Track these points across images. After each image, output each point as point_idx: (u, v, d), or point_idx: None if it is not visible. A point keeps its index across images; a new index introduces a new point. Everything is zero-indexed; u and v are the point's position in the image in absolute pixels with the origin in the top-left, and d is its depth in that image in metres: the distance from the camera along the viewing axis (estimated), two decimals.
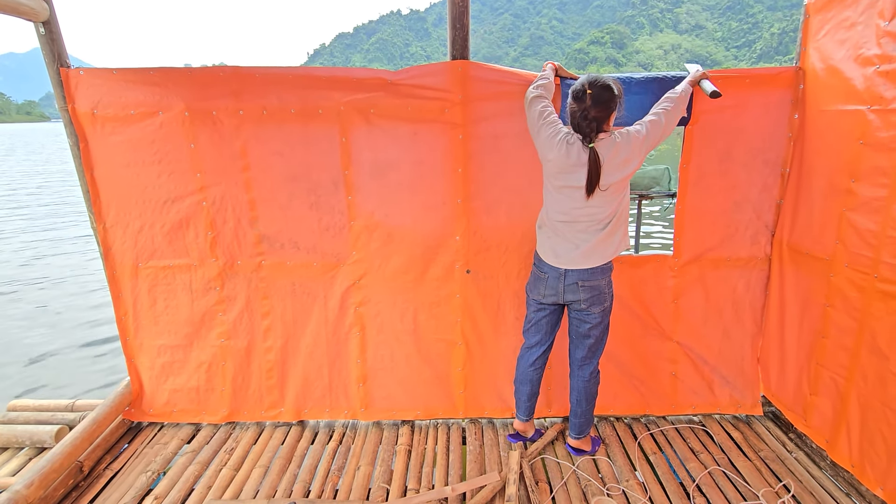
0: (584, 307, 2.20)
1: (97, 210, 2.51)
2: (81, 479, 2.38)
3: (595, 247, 2.12)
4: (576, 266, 2.14)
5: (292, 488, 2.30)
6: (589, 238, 2.12)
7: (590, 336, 2.26)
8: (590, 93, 1.94)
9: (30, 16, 2.20)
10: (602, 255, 2.13)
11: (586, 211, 2.08)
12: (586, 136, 2.00)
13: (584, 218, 2.10)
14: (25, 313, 5.97)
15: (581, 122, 1.99)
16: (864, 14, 2.00)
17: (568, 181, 2.07)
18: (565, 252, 2.16)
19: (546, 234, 2.23)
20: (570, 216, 2.11)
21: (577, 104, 1.98)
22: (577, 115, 1.99)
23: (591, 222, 2.10)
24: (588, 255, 2.13)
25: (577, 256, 2.14)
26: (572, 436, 2.45)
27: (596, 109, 1.96)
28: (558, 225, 2.16)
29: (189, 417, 2.76)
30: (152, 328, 2.66)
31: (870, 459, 2.07)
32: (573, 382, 2.39)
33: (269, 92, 2.37)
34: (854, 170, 2.05)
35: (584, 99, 1.95)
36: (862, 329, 2.07)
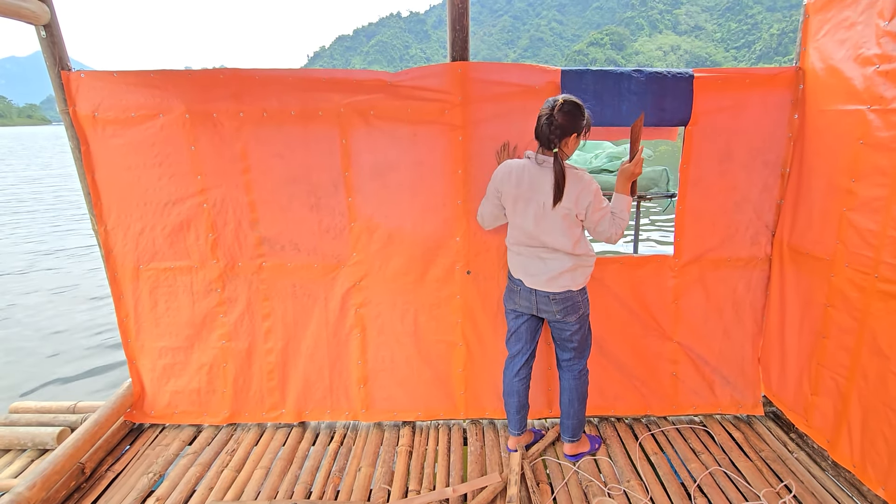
0: (560, 318, 2.21)
1: (98, 212, 2.52)
2: (83, 481, 2.39)
3: (558, 277, 2.14)
4: (543, 288, 2.16)
5: (293, 490, 2.31)
6: (551, 266, 2.14)
7: (571, 341, 2.27)
8: (561, 102, 1.96)
9: (31, 19, 2.20)
10: (565, 285, 2.14)
11: (542, 236, 2.10)
12: (548, 143, 2.01)
13: (538, 243, 2.13)
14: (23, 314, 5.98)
15: (546, 126, 1.99)
16: (864, 14, 2.00)
17: (525, 202, 2.10)
18: (535, 272, 2.17)
19: (514, 252, 2.24)
20: (530, 237, 2.14)
21: (546, 109, 1.99)
22: (542, 119, 2.00)
23: (547, 249, 2.13)
24: (553, 281, 2.14)
25: (543, 280, 2.16)
26: (566, 439, 2.43)
27: (563, 117, 1.96)
28: (522, 247, 2.20)
29: (190, 419, 2.77)
30: (153, 330, 2.67)
31: (871, 459, 2.07)
32: (563, 383, 2.38)
33: (269, 94, 2.37)
34: (854, 170, 2.05)
35: (555, 106, 1.97)
36: (862, 329, 2.07)
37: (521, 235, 2.17)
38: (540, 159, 2.06)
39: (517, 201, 2.12)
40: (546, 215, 2.07)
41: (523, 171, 2.09)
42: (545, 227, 2.09)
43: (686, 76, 2.36)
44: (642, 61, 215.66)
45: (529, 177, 2.08)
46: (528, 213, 2.11)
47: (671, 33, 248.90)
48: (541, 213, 2.07)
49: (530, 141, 2.41)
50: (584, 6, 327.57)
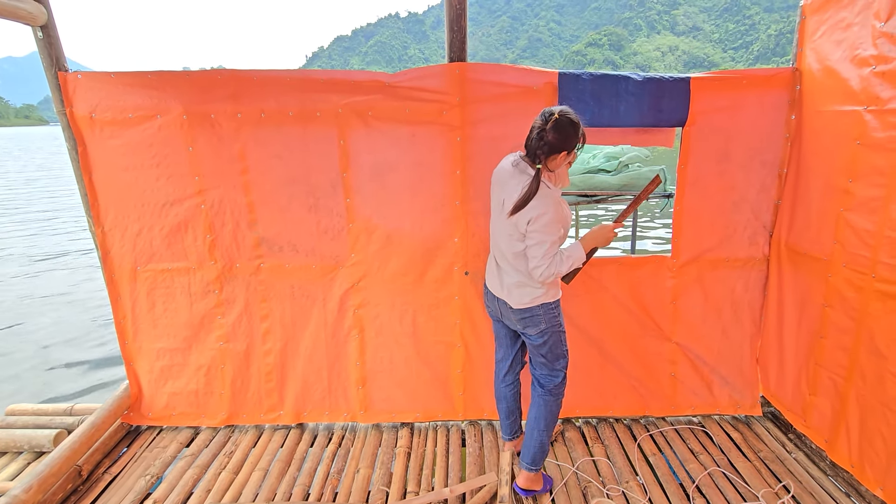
0: (521, 328, 2.11)
1: (95, 213, 2.51)
2: (80, 484, 2.38)
3: (511, 288, 2.06)
4: (500, 297, 2.12)
5: (292, 491, 2.30)
6: (503, 277, 2.09)
7: (537, 355, 2.13)
8: (556, 118, 1.82)
9: (28, 20, 2.20)
10: (518, 300, 2.04)
11: (495, 237, 2.09)
12: (534, 157, 1.89)
13: (494, 247, 2.11)
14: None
15: (536, 140, 1.86)
16: (860, 15, 2.00)
17: (496, 200, 2.06)
18: (492, 278, 2.15)
19: (490, 256, 2.20)
20: (494, 241, 2.11)
21: (539, 121, 1.86)
22: (534, 130, 1.88)
23: (501, 256, 2.07)
24: (507, 292, 2.08)
25: (498, 288, 2.12)
26: (523, 465, 2.20)
27: (554, 134, 1.82)
28: (493, 251, 2.16)
29: (188, 421, 2.76)
30: (151, 331, 2.66)
31: (869, 459, 2.08)
32: (534, 397, 2.20)
33: (267, 95, 2.37)
34: (851, 170, 2.06)
35: (549, 120, 1.83)
36: (860, 329, 2.08)
37: (492, 237, 2.14)
38: (522, 165, 1.96)
39: (493, 198, 2.09)
40: (502, 219, 1.99)
41: (505, 170, 2.02)
42: (498, 230, 2.06)
43: (683, 79, 2.37)
44: (640, 62, 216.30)
45: (507, 175, 1.99)
46: (494, 211, 2.08)
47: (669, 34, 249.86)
48: (499, 213, 2.02)
49: None
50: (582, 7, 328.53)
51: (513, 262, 2.03)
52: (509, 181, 1.97)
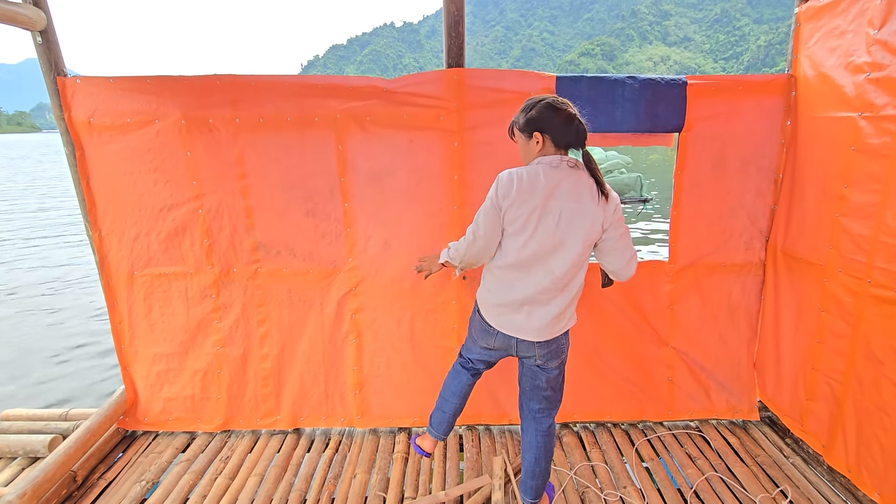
0: (540, 363, 1.87)
1: (93, 218, 2.51)
2: (75, 489, 2.36)
3: (554, 321, 1.85)
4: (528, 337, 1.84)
5: (288, 497, 2.29)
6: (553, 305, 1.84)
7: (546, 389, 1.93)
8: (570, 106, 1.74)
9: (27, 25, 2.20)
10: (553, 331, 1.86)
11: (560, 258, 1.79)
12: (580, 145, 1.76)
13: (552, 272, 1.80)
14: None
15: (578, 132, 1.73)
16: (854, 22, 2.03)
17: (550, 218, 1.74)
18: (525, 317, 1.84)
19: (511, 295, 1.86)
20: (542, 266, 1.80)
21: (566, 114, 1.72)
22: (573, 123, 1.72)
23: (558, 281, 1.80)
24: (550, 327, 1.85)
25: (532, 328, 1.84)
26: (528, 501, 2.05)
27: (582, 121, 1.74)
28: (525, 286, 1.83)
29: (184, 426, 2.74)
30: (148, 336, 2.65)
31: (866, 464, 2.08)
32: (528, 438, 2.00)
33: (265, 100, 2.38)
34: (846, 176, 2.07)
35: (568, 105, 1.74)
36: (856, 334, 2.08)
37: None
38: (563, 164, 1.73)
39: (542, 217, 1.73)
40: (570, 232, 1.73)
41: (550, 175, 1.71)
42: (553, 250, 1.75)
43: (679, 83, 2.39)
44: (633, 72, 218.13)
45: (561, 179, 1.71)
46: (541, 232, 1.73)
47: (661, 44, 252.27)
48: (554, 230, 1.73)
49: None
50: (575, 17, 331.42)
51: (568, 284, 1.77)
52: (574, 185, 1.69)
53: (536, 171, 1.71)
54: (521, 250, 1.74)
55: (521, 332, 1.81)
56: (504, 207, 1.73)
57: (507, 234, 1.77)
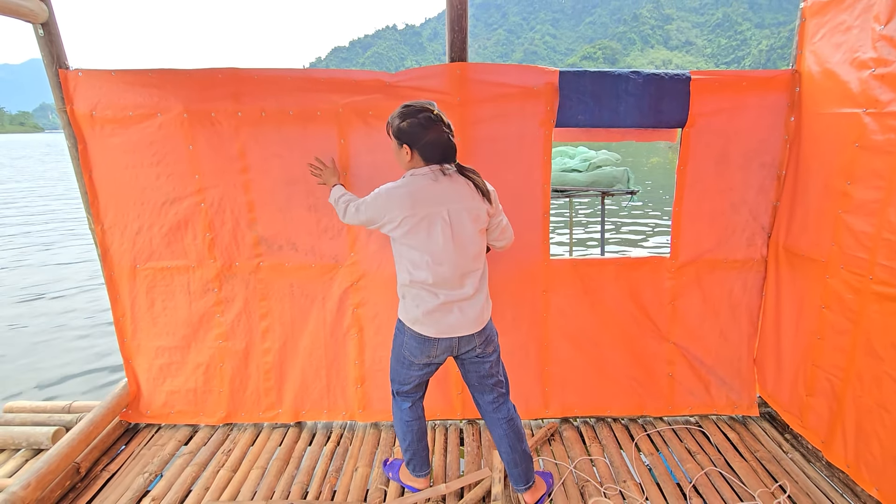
0: (479, 353, 1.96)
1: (95, 211, 2.51)
2: (78, 481, 2.38)
3: (485, 308, 1.98)
4: (471, 331, 1.91)
5: (290, 490, 2.30)
6: (480, 294, 1.96)
7: (492, 375, 2.01)
8: (437, 113, 1.77)
9: (29, 17, 2.19)
10: (486, 314, 1.98)
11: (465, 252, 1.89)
12: (452, 157, 1.83)
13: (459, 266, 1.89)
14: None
15: (449, 145, 1.79)
16: (860, 18, 2.01)
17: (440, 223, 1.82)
18: (459, 314, 1.90)
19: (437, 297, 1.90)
20: (453, 264, 1.86)
21: (438, 126, 1.76)
22: (444, 137, 1.77)
23: (471, 271, 1.92)
24: (483, 313, 1.96)
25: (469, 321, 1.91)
26: (522, 488, 2.10)
27: (450, 126, 1.80)
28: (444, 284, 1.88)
29: (186, 419, 2.76)
30: (150, 329, 2.66)
31: (865, 460, 2.09)
32: (496, 431, 2.06)
33: (267, 94, 2.37)
34: (850, 172, 2.07)
35: (441, 119, 1.77)
36: (857, 330, 2.09)
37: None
38: (440, 173, 1.81)
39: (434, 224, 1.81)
40: (464, 229, 1.84)
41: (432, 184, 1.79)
42: (458, 247, 1.84)
43: (683, 78, 2.37)
44: None
45: (444, 188, 1.80)
46: (440, 235, 1.81)
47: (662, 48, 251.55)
48: (449, 229, 1.82)
49: (526, 143, 2.43)
50: (577, 21, 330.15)
51: (480, 273, 1.91)
52: (445, 192, 1.79)
53: (415, 183, 1.79)
54: (430, 261, 1.82)
55: (461, 329, 1.89)
56: (388, 225, 1.83)
57: (408, 248, 1.84)
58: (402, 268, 1.88)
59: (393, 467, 2.33)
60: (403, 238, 1.83)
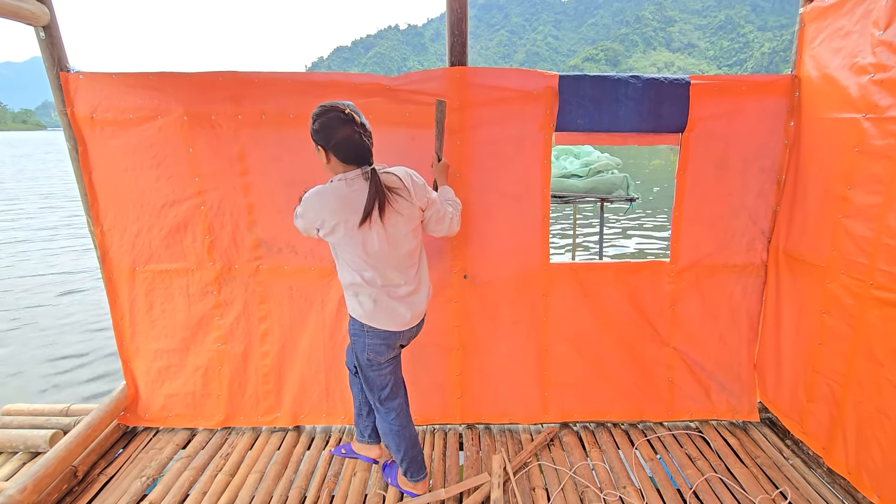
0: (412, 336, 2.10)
1: (95, 213, 2.51)
2: (76, 484, 2.37)
3: (424, 300, 2.06)
4: (414, 323, 2.02)
5: (288, 494, 2.29)
6: (423, 288, 2.05)
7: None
8: (349, 112, 1.77)
9: (30, 20, 2.20)
10: (425, 305, 2.08)
11: (397, 254, 1.91)
12: (366, 161, 1.82)
13: (392, 269, 1.92)
14: None
15: (361, 147, 1.79)
16: (859, 23, 2.02)
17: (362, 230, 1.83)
18: (401, 309, 1.97)
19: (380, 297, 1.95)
20: (385, 266, 1.90)
21: (348, 128, 1.75)
22: (355, 138, 1.76)
23: (406, 272, 1.97)
24: (422, 305, 2.05)
25: (414, 315, 2.01)
26: (419, 478, 2.19)
27: (364, 128, 1.80)
28: (384, 287, 1.93)
29: (185, 422, 2.75)
30: (149, 332, 2.65)
31: (866, 466, 2.08)
32: (408, 422, 2.15)
33: (267, 97, 2.37)
34: (849, 177, 2.07)
35: (352, 120, 1.76)
36: (857, 336, 2.08)
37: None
38: (358, 179, 1.81)
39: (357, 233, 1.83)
40: (396, 231, 1.88)
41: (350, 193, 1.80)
42: (389, 248, 1.88)
43: (683, 82, 2.38)
44: None
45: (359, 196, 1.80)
46: (374, 241, 1.85)
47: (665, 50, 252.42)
48: (381, 233, 1.85)
49: (526, 147, 2.43)
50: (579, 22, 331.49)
51: (417, 263, 2.01)
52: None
53: (342, 188, 1.79)
54: (371, 262, 1.86)
55: (413, 322, 2.00)
56: (322, 230, 1.84)
57: (347, 251, 1.87)
58: (345, 269, 1.92)
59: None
60: (341, 242, 1.85)
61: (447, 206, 2.09)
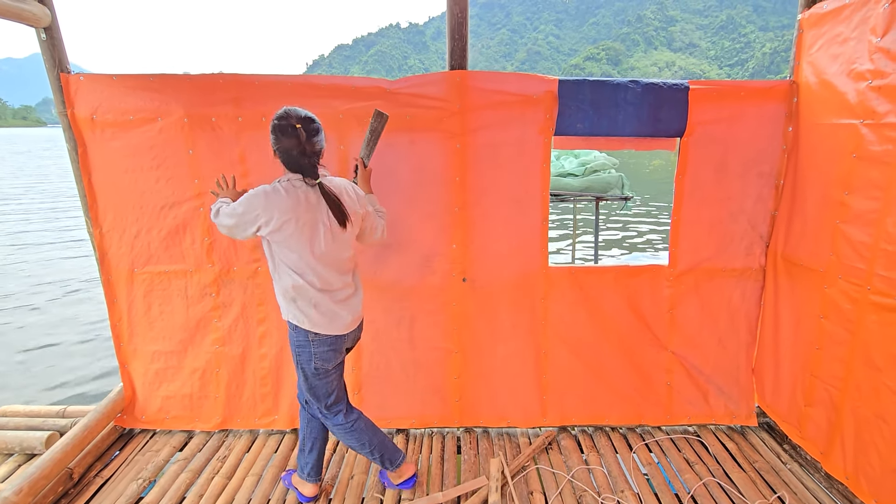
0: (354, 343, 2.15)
1: (94, 215, 2.51)
2: (71, 487, 2.35)
3: (360, 303, 2.09)
4: (355, 326, 2.06)
5: (285, 498, 2.28)
6: (357, 294, 2.07)
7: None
8: (299, 127, 1.78)
9: (31, 21, 2.21)
10: (360, 307, 2.09)
11: (334, 260, 1.94)
12: (309, 172, 1.85)
13: (329, 274, 1.94)
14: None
15: (300, 159, 1.82)
16: (857, 30, 2.03)
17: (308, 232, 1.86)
18: (342, 312, 1.99)
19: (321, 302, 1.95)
20: (323, 270, 1.92)
21: (289, 140, 1.79)
22: (293, 152, 1.80)
23: (342, 277, 2.00)
24: (358, 308, 2.08)
25: (353, 319, 2.04)
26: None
27: (312, 144, 1.82)
28: (322, 292, 1.94)
29: (182, 424, 2.74)
30: (147, 334, 2.64)
31: (864, 471, 2.07)
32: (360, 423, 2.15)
33: (268, 99, 2.38)
34: (847, 182, 2.08)
35: (297, 134, 1.78)
36: (856, 341, 2.08)
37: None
38: (301, 185, 1.85)
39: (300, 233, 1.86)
40: (335, 238, 1.91)
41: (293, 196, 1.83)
42: (327, 256, 1.91)
43: (682, 87, 2.39)
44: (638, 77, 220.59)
45: (303, 200, 1.84)
46: (311, 244, 1.88)
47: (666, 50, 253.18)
48: (319, 238, 1.88)
49: (525, 150, 2.44)
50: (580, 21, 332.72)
51: (353, 268, 2.06)
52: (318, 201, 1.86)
53: (293, 189, 1.83)
54: (314, 264, 1.89)
55: (352, 325, 2.04)
56: (265, 227, 1.84)
57: (288, 251, 1.87)
58: (284, 272, 1.91)
59: (288, 476, 2.34)
60: (285, 241, 1.85)
61: (377, 216, 2.14)
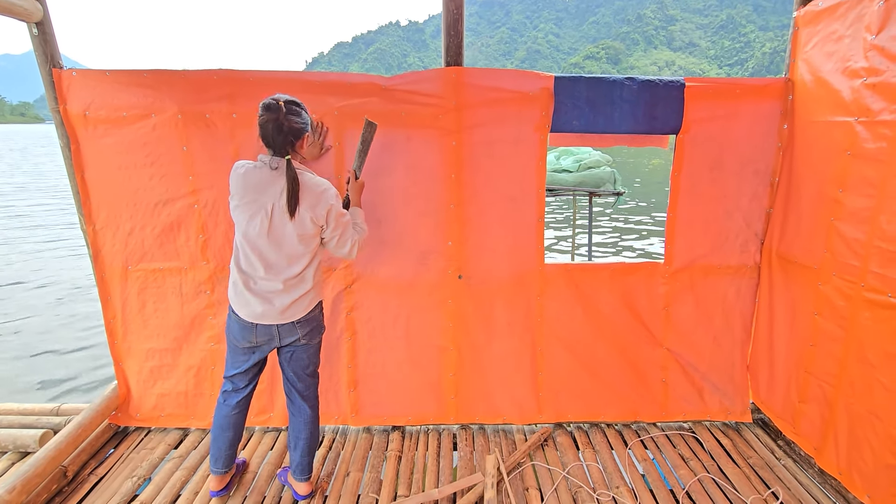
0: (301, 343, 2.06)
1: (87, 212, 2.49)
2: (65, 485, 2.34)
3: (295, 305, 1.99)
4: (275, 321, 1.98)
5: (280, 495, 2.28)
6: (289, 292, 1.97)
7: (310, 365, 2.14)
8: (282, 103, 1.81)
9: (23, 16, 2.18)
10: (301, 310, 2.01)
11: (278, 249, 1.92)
12: (280, 150, 1.86)
13: (269, 261, 1.93)
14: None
15: (275, 134, 1.83)
16: (852, 27, 2.03)
17: (256, 211, 1.88)
18: (266, 304, 1.96)
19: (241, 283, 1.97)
20: (259, 255, 1.92)
21: (269, 114, 1.81)
22: (269, 126, 1.82)
23: (279, 269, 1.94)
24: (292, 310, 1.99)
25: (276, 313, 1.97)
26: (303, 478, 2.20)
27: (290, 121, 1.83)
28: (252, 272, 1.95)
29: (177, 422, 2.73)
30: (141, 331, 2.63)
31: (857, 467, 2.09)
32: (300, 417, 2.14)
33: (263, 95, 2.32)
34: (842, 180, 2.08)
35: (278, 109, 1.81)
36: (849, 338, 2.09)
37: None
38: (273, 163, 1.88)
39: (246, 208, 1.89)
40: (281, 225, 1.89)
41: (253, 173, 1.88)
42: (270, 241, 1.91)
43: (677, 85, 2.39)
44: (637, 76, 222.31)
45: (264, 178, 1.87)
46: (255, 222, 1.88)
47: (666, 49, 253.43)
48: (267, 221, 1.88)
49: (521, 148, 2.43)
50: (580, 20, 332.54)
51: (296, 270, 1.95)
52: (270, 186, 1.87)
53: (253, 170, 1.89)
54: (246, 247, 1.92)
55: (266, 318, 1.96)
56: (231, 202, 1.93)
57: (237, 229, 1.94)
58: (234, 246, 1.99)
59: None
60: (235, 216, 1.92)
61: (353, 232, 2.07)
